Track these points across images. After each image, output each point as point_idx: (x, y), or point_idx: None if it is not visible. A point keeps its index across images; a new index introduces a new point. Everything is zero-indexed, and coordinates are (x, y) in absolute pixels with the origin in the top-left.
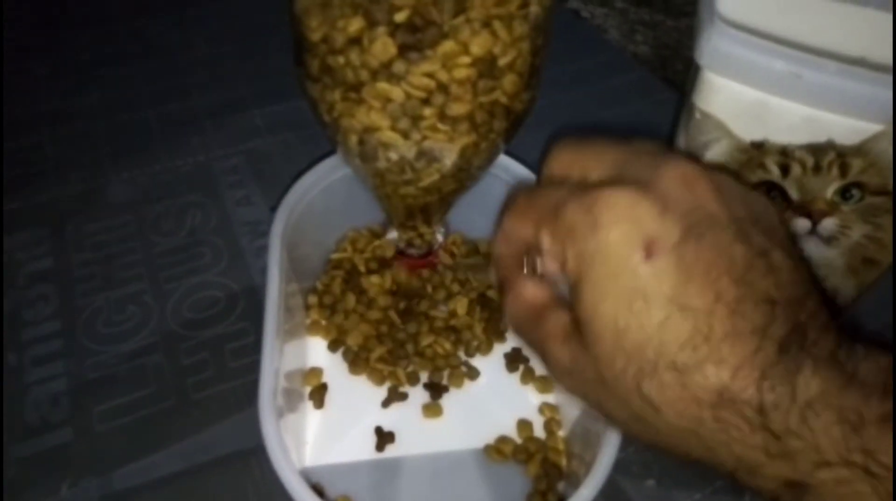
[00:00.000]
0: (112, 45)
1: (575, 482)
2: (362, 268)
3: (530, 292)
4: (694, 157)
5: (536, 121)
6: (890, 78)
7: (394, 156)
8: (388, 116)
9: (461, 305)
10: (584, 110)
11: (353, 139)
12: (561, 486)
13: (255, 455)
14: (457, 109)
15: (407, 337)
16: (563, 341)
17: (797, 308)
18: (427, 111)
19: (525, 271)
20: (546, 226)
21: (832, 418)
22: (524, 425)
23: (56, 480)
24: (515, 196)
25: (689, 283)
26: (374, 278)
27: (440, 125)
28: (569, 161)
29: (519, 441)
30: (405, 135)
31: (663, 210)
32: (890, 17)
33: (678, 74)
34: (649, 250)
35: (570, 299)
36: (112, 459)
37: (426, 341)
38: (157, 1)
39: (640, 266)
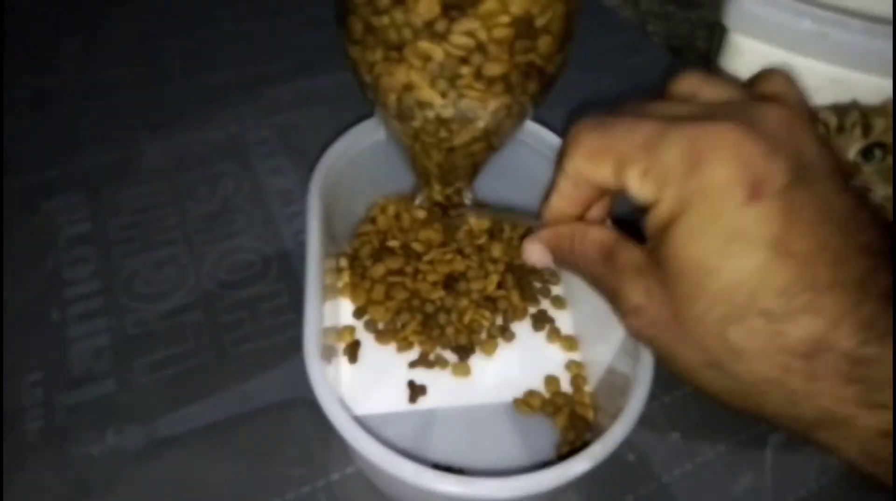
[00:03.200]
0: (141, 21)
1: (601, 433)
2: (391, 241)
3: (598, 232)
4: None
5: (556, 99)
6: None
7: (430, 114)
8: (427, 75)
9: (491, 283)
10: (602, 87)
11: (392, 98)
12: (588, 437)
13: (292, 407)
14: (493, 69)
15: (441, 309)
16: (636, 276)
17: (893, 260)
18: (465, 70)
19: (590, 214)
20: (635, 164)
21: None
22: (551, 380)
23: (102, 427)
24: (580, 133)
25: (793, 228)
26: (401, 244)
27: (476, 84)
28: (693, 85)
29: (547, 395)
30: (443, 94)
31: (772, 151)
32: None
33: (690, 65)
34: (756, 192)
35: (652, 239)
36: (154, 408)
37: (469, 315)
38: None
39: (744, 208)
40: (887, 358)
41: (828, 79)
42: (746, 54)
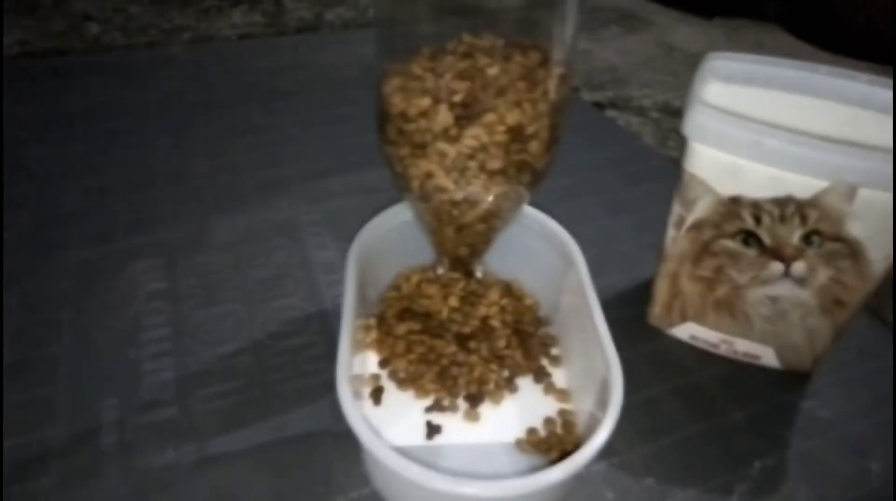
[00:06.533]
0: (220, 123)
1: None
2: (413, 305)
3: None
4: None
5: (567, 194)
6: (830, 144)
7: (445, 197)
8: (443, 167)
9: (501, 342)
10: (603, 187)
11: (416, 184)
12: None
13: (320, 437)
14: (494, 164)
15: (454, 363)
16: None
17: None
18: (472, 164)
19: None
20: None
21: None
22: (549, 421)
23: (163, 444)
24: None
25: None
26: (425, 304)
27: (481, 175)
28: None
29: (543, 434)
30: (455, 181)
31: None
32: (821, 101)
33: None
34: None
35: None
36: (208, 431)
37: (479, 370)
38: (258, 93)
39: None
40: None
41: (767, 177)
42: (702, 157)
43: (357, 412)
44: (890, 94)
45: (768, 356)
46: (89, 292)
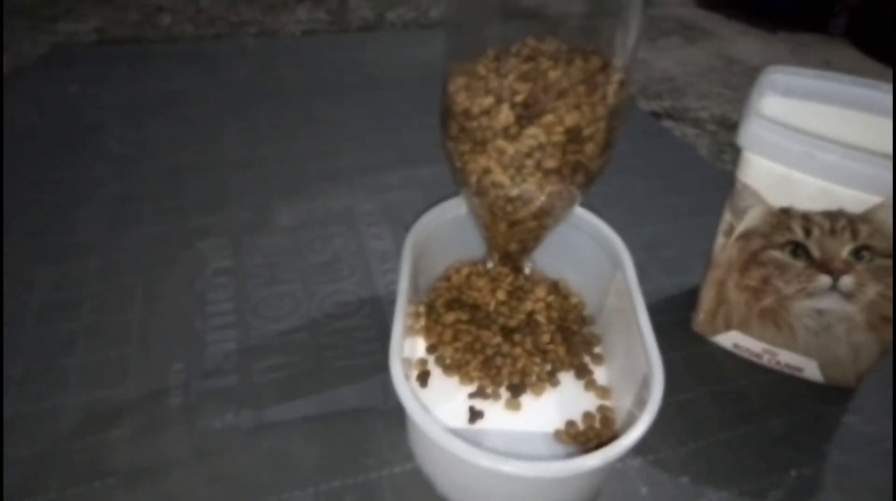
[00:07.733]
0: (285, 113)
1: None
2: (462, 296)
3: None
4: None
5: (618, 199)
6: (885, 160)
7: (500, 193)
8: (500, 164)
9: (546, 337)
10: (653, 192)
11: (474, 179)
12: None
13: (368, 413)
14: (550, 163)
15: (499, 354)
16: None
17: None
18: (528, 162)
19: None
20: None
21: None
22: (588, 415)
23: (224, 409)
24: None
25: None
26: (474, 296)
27: (536, 173)
28: None
29: (582, 427)
30: (511, 178)
31: None
32: (879, 118)
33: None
34: None
35: None
36: (264, 400)
37: (522, 362)
38: (322, 87)
39: None
40: None
41: (818, 190)
42: (755, 167)
43: (408, 388)
44: None
45: (811, 370)
46: (161, 266)
